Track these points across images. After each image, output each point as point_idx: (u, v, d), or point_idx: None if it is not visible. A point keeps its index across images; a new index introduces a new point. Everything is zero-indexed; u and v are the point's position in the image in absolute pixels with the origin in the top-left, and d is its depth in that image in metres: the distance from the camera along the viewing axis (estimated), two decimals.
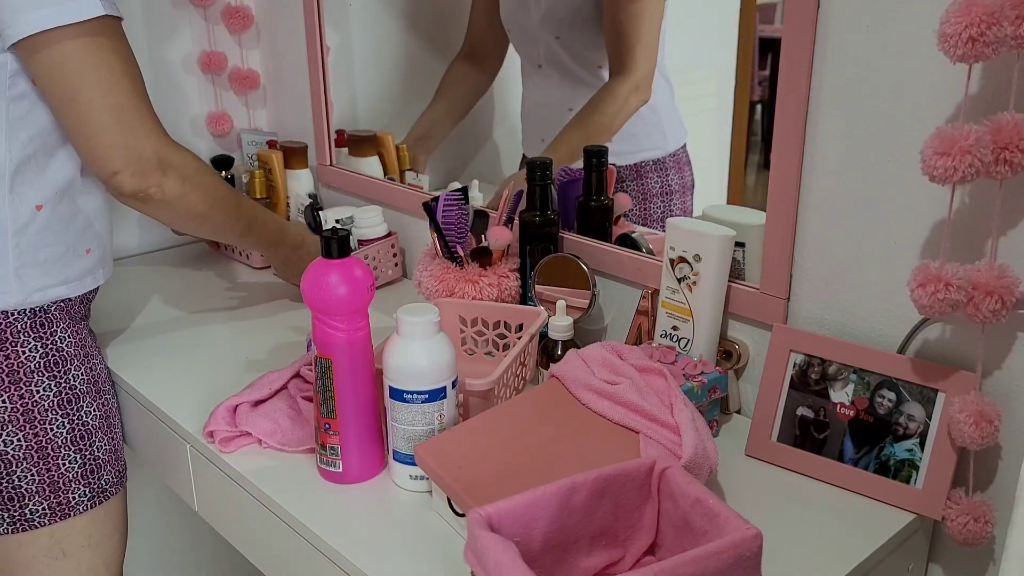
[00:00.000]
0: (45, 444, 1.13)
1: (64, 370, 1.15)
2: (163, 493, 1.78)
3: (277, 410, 1.09)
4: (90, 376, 1.18)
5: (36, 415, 1.12)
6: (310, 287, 0.95)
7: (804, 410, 1.03)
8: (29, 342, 1.12)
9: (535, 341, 1.18)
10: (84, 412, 1.17)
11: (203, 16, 1.78)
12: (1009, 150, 0.81)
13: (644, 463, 0.81)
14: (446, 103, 1.65)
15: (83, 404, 1.17)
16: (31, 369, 1.12)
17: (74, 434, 1.16)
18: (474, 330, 1.25)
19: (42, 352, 1.13)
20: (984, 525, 0.92)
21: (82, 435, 1.17)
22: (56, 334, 1.15)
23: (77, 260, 1.17)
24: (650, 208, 1.40)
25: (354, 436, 0.99)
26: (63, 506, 1.16)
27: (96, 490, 1.19)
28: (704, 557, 0.69)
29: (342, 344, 0.95)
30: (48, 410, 1.13)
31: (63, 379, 1.15)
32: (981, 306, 0.85)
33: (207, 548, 1.92)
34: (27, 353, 1.12)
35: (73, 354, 1.16)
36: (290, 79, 1.81)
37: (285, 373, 1.14)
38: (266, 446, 1.08)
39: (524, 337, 1.15)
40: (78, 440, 1.16)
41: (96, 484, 1.18)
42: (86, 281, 1.19)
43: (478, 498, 0.83)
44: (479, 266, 1.27)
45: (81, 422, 1.16)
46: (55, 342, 1.14)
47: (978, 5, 0.77)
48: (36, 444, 1.13)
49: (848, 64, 0.96)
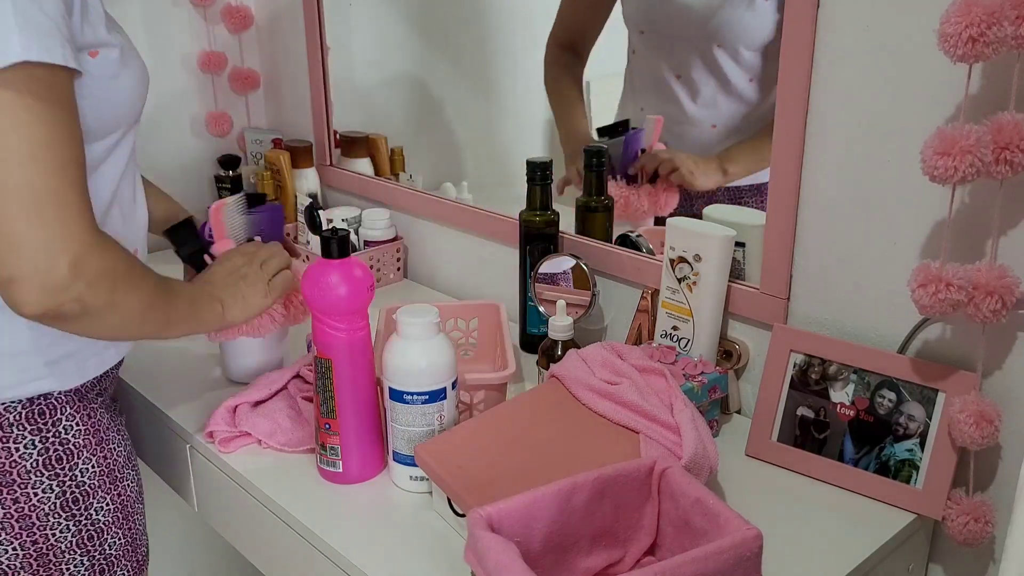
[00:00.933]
0: (46, 551, 0.96)
1: (70, 465, 0.97)
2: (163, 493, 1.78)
3: (277, 410, 1.08)
4: (104, 467, 1.00)
5: (35, 520, 0.95)
6: (310, 287, 0.95)
7: (804, 410, 1.03)
8: (24, 436, 0.93)
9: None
10: (95, 510, 0.99)
11: (203, 16, 1.78)
12: (1010, 150, 0.81)
13: (644, 463, 0.81)
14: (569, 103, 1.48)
15: (94, 501, 0.99)
16: (27, 469, 0.94)
17: (81, 536, 0.98)
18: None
19: (41, 448, 0.94)
20: (984, 525, 0.92)
21: (91, 535, 0.99)
22: (60, 423, 0.96)
23: (66, 340, 0.94)
24: None
25: (354, 436, 0.99)
26: None
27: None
28: (704, 557, 0.69)
29: (342, 344, 0.95)
30: (50, 514, 0.96)
31: (68, 476, 0.96)
32: (982, 306, 0.85)
33: (207, 548, 1.92)
34: (21, 450, 0.93)
35: (83, 444, 0.97)
36: (290, 79, 1.81)
37: (285, 373, 1.14)
38: (266, 446, 1.08)
39: (504, 329, 1.18)
40: (86, 542, 0.99)
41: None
42: (88, 366, 0.98)
43: (478, 498, 0.83)
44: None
45: (90, 522, 0.99)
46: (58, 433, 0.96)
47: (978, 5, 0.77)
48: (35, 551, 0.96)
49: (848, 64, 0.96)
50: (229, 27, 1.80)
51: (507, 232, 1.38)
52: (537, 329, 1.30)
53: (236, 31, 1.81)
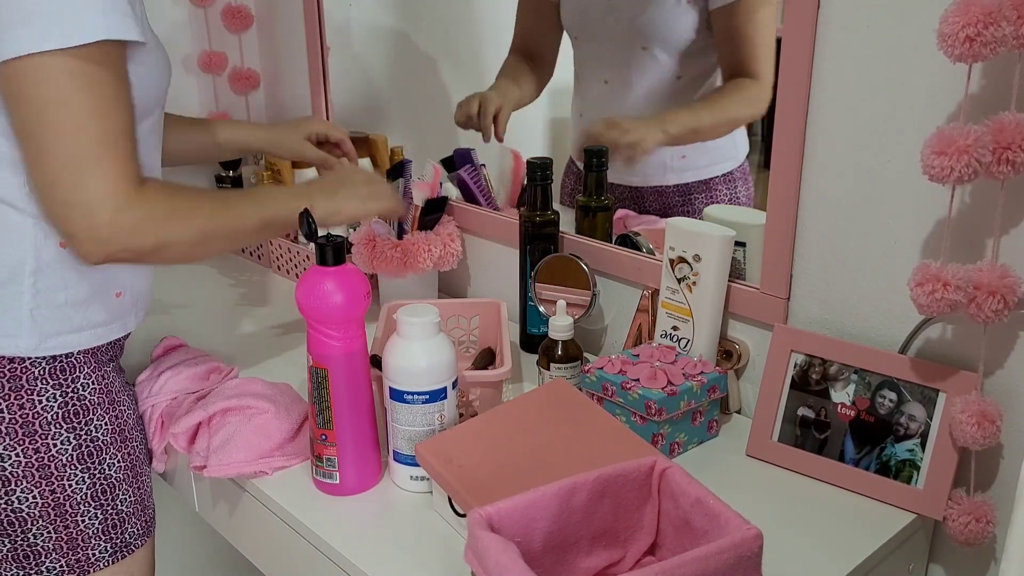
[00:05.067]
0: (63, 501, 1.02)
1: (86, 420, 1.03)
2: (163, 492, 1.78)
3: (238, 433, 1.04)
4: (115, 425, 1.06)
5: (53, 470, 1.01)
6: (304, 296, 0.93)
7: (805, 410, 1.03)
8: (47, 391, 1.00)
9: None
10: (107, 465, 1.05)
11: (203, 16, 1.78)
12: (1011, 150, 0.81)
13: (644, 463, 0.81)
14: (507, 82, 1.52)
15: (106, 456, 1.05)
16: (48, 420, 1.00)
17: (95, 489, 1.04)
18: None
19: (61, 402, 1.01)
20: (986, 525, 0.91)
21: (104, 489, 1.05)
22: (79, 380, 1.03)
23: (104, 305, 1.04)
24: None
25: (351, 447, 0.98)
26: (82, 563, 1.05)
27: (119, 544, 1.08)
28: (704, 557, 0.69)
29: (338, 354, 0.94)
30: (67, 465, 1.02)
31: (84, 431, 1.03)
32: (983, 306, 0.85)
33: (207, 548, 1.92)
34: (44, 403, 1.00)
35: (97, 402, 1.04)
36: (290, 79, 1.81)
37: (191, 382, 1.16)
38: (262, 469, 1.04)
39: (504, 329, 1.18)
40: (99, 495, 1.05)
41: (119, 539, 1.07)
42: (112, 328, 1.06)
43: (479, 498, 0.83)
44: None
45: (103, 476, 1.05)
46: (76, 390, 1.02)
47: (976, 5, 0.77)
48: (53, 501, 1.01)
49: (848, 64, 0.96)
50: (229, 27, 1.80)
51: (507, 232, 1.38)
52: (537, 329, 1.30)
53: (236, 31, 1.81)
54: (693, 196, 1.33)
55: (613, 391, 1.04)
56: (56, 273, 0.99)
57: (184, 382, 1.16)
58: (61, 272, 0.99)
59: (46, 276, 0.98)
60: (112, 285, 1.04)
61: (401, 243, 1.37)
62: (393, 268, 1.36)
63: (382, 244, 1.37)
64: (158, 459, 1.14)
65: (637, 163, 1.33)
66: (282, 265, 1.66)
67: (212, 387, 1.15)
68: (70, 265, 0.99)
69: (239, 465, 1.02)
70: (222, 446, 1.03)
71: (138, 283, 1.09)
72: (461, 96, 1.61)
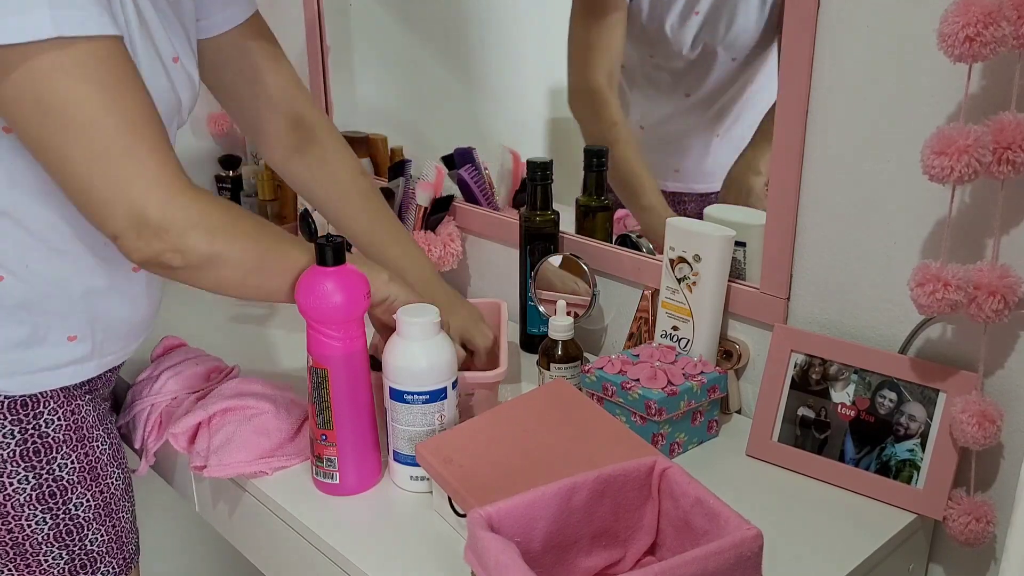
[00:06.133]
0: (22, 540, 0.97)
1: (47, 459, 0.97)
2: (163, 493, 1.78)
3: (236, 434, 1.04)
4: (85, 463, 1.00)
5: (9, 509, 0.95)
6: (304, 296, 0.93)
7: (805, 410, 1.03)
8: (4, 426, 0.94)
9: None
10: (74, 505, 0.99)
11: None
12: (1012, 150, 0.81)
13: (644, 463, 0.81)
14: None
15: (72, 495, 0.99)
16: (3, 458, 0.94)
17: (58, 529, 0.98)
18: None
19: (19, 439, 0.94)
20: (986, 525, 0.91)
21: (69, 530, 0.99)
22: (41, 416, 0.96)
23: (48, 348, 0.95)
24: None
25: (351, 447, 0.97)
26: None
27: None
28: (704, 557, 0.69)
29: (338, 354, 0.94)
30: (24, 504, 0.96)
31: (44, 469, 0.97)
32: (984, 306, 0.85)
33: (207, 548, 1.92)
34: (0, 440, 0.94)
35: (62, 440, 0.98)
36: None
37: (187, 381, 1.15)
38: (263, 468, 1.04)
39: (503, 329, 1.18)
40: (64, 536, 0.99)
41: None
42: (61, 374, 0.96)
43: (479, 498, 0.83)
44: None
45: (69, 516, 0.99)
46: (38, 427, 0.96)
47: (976, 5, 0.77)
48: (11, 540, 0.97)
49: (848, 64, 0.96)
50: None
51: (507, 232, 1.38)
52: (537, 329, 1.30)
53: None
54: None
55: (613, 391, 1.04)
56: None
57: (184, 382, 1.16)
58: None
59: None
60: (61, 328, 0.95)
61: None
62: None
63: None
64: (148, 458, 1.12)
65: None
66: None
67: (212, 387, 1.15)
68: (7, 304, 0.92)
69: (239, 465, 1.02)
70: (222, 446, 1.03)
71: (109, 324, 1.00)
72: (461, 96, 1.61)
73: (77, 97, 0.79)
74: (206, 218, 0.84)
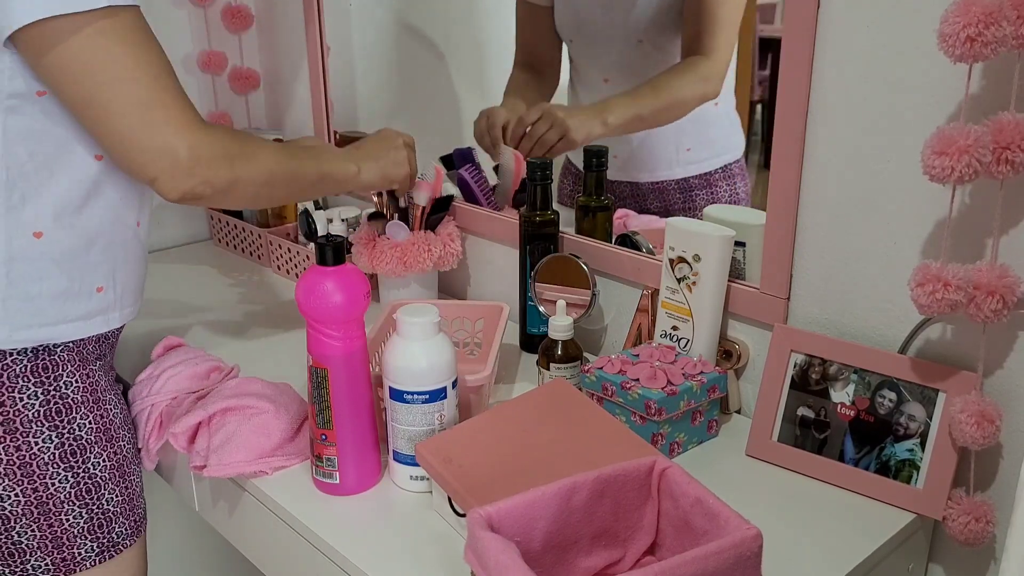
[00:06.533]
0: (46, 499, 1.02)
1: (68, 419, 1.03)
2: (163, 492, 1.78)
3: (236, 434, 1.04)
4: (101, 424, 1.06)
5: (35, 468, 1.01)
6: (304, 296, 0.93)
7: (805, 410, 1.03)
8: (28, 388, 1.00)
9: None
10: (92, 464, 1.05)
11: (203, 16, 1.78)
12: (1011, 150, 0.81)
13: (644, 463, 0.81)
14: (514, 99, 1.51)
15: (91, 455, 1.05)
16: (29, 418, 1.00)
17: (79, 488, 1.04)
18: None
19: (43, 399, 1.01)
20: (986, 525, 0.92)
21: (88, 488, 1.05)
22: (62, 379, 1.02)
23: (82, 299, 1.03)
24: None
25: (351, 447, 0.97)
26: (68, 562, 1.05)
27: (106, 544, 1.07)
28: (704, 557, 0.69)
29: (338, 354, 0.94)
30: (49, 463, 1.02)
31: (66, 429, 1.03)
32: (983, 306, 0.85)
33: (207, 548, 1.92)
34: (25, 400, 1.00)
35: (81, 401, 1.04)
36: (290, 79, 1.81)
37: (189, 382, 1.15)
38: (262, 469, 1.04)
39: (498, 331, 1.18)
40: (84, 494, 1.05)
41: (106, 538, 1.07)
42: (93, 323, 1.05)
43: (479, 497, 0.83)
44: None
45: (88, 475, 1.05)
46: (59, 388, 1.02)
47: (976, 5, 0.77)
48: (36, 499, 1.02)
49: (848, 64, 0.96)
50: (229, 27, 1.80)
51: (507, 232, 1.38)
52: (537, 329, 1.30)
53: (236, 31, 1.81)
54: (694, 192, 1.33)
55: (613, 391, 1.04)
56: (31, 264, 0.99)
57: (184, 382, 1.16)
58: (37, 264, 0.99)
59: (19, 267, 0.98)
60: (93, 279, 1.04)
61: (401, 243, 1.37)
62: (393, 268, 1.36)
63: (382, 244, 1.37)
64: (151, 458, 1.13)
65: (558, 155, 1.35)
66: (282, 265, 1.66)
67: (212, 387, 1.15)
68: (48, 257, 1.00)
69: (239, 465, 1.02)
70: (222, 446, 1.03)
71: (124, 277, 1.08)
72: (461, 95, 1.62)
73: (120, 57, 0.92)
74: (224, 148, 0.99)
